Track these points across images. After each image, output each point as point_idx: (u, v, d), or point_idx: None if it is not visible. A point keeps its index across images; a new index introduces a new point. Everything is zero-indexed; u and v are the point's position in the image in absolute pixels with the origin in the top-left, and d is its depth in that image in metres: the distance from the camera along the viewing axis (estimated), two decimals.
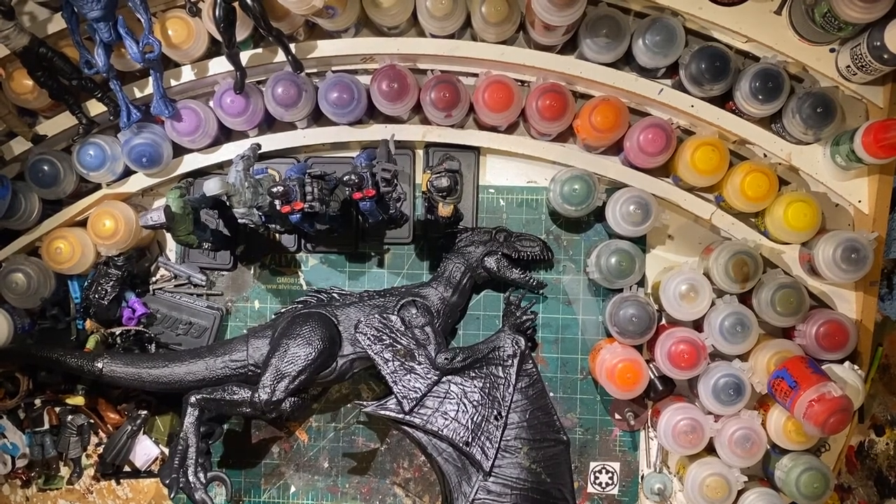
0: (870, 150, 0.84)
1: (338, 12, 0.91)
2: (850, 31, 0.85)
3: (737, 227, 0.97)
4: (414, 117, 1.04)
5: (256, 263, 1.07)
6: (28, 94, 0.95)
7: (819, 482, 0.91)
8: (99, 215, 0.99)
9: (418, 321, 0.89)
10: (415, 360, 0.88)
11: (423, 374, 0.88)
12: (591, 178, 0.95)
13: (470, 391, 0.90)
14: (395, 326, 0.89)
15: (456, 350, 0.90)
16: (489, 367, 0.91)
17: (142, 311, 1.04)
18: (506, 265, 0.96)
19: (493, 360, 0.92)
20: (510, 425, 0.91)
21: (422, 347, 0.88)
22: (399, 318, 0.89)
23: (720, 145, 0.93)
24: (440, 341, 0.90)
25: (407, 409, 0.87)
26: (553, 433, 0.93)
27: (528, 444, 0.91)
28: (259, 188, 0.87)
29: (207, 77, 0.97)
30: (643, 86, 0.94)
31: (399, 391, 0.87)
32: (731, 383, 0.92)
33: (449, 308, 0.93)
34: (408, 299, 0.91)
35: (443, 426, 0.88)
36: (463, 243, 0.96)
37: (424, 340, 0.88)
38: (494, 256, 0.96)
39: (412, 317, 0.89)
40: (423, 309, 0.90)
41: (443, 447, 0.90)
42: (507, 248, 0.96)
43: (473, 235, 0.97)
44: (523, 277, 0.97)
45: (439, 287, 0.93)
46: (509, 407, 0.91)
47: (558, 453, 0.93)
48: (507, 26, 0.92)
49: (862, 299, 0.95)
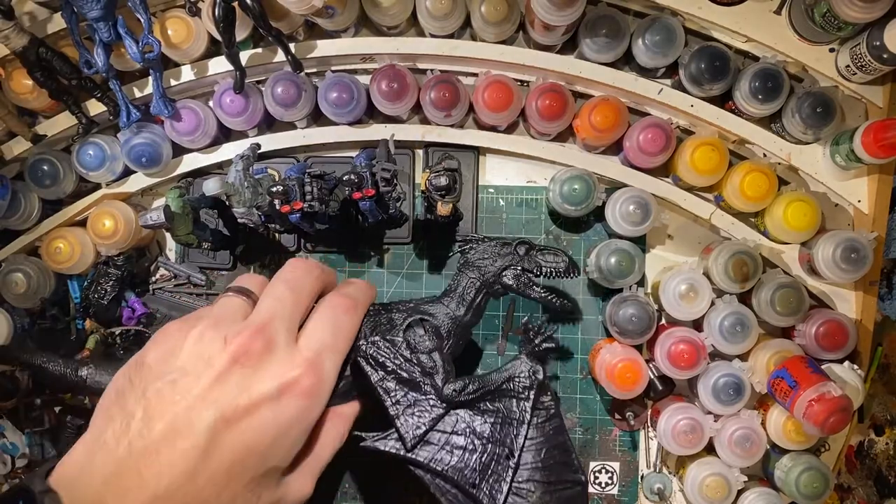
0: (869, 149, 0.84)
1: (337, 12, 0.91)
2: (849, 31, 0.85)
3: (736, 226, 0.97)
4: (413, 117, 1.04)
5: (256, 263, 1.07)
6: (27, 94, 0.95)
7: (819, 482, 0.91)
8: (98, 215, 0.99)
9: (425, 345, 0.75)
10: (420, 392, 0.74)
11: (428, 406, 0.75)
12: (590, 178, 0.95)
13: (480, 426, 0.77)
14: (399, 351, 0.74)
15: (466, 380, 0.77)
16: (502, 399, 0.78)
17: (141, 310, 1.04)
18: (526, 282, 0.83)
19: (507, 392, 0.79)
20: (523, 465, 0.78)
21: (428, 376, 0.74)
22: (405, 340, 0.75)
23: (720, 145, 0.93)
24: (449, 369, 0.76)
25: (409, 446, 0.75)
26: (570, 473, 0.80)
27: (542, 488, 0.78)
28: (259, 188, 0.87)
29: (207, 77, 0.97)
30: (643, 85, 0.94)
31: (402, 425, 0.74)
32: (731, 383, 0.92)
33: (461, 328, 0.80)
34: (415, 318, 0.77)
35: (448, 465, 0.76)
36: (478, 256, 0.83)
37: (432, 368, 0.74)
38: (514, 271, 0.83)
39: (419, 340, 0.76)
40: (432, 331, 0.77)
41: (447, 488, 0.78)
42: (528, 262, 0.83)
43: (491, 247, 0.85)
44: (546, 297, 0.84)
45: (451, 304, 0.80)
46: (523, 446, 0.78)
47: (574, 496, 0.81)
48: (507, 26, 0.92)
49: (862, 299, 0.95)
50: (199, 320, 0.56)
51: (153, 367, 0.52)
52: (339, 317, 0.62)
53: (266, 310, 0.59)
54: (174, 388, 0.50)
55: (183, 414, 0.49)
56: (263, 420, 0.52)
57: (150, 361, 0.53)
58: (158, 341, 0.55)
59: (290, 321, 0.59)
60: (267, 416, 0.52)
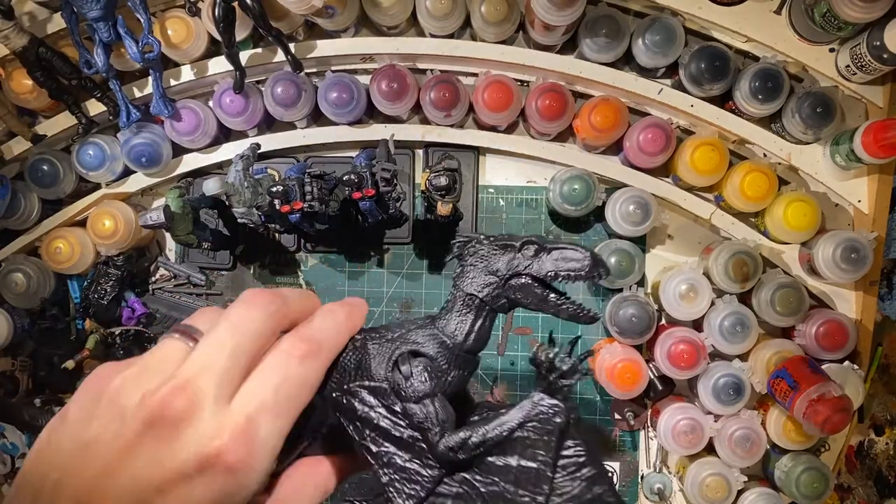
0: (869, 149, 0.84)
1: (337, 12, 0.91)
2: (849, 31, 0.85)
3: (737, 226, 0.97)
4: (413, 117, 1.04)
5: (256, 263, 1.07)
6: (27, 94, 0.95)
7: (819, 482, 0.91)
8: (98, 215, 0.99)
9: (415, 390, 0.56)
10: (412, 452, 0.57)
11: (423, 471, 0.57)
12: (590, 178, 0.95)
13: (489, 489, 0.57)
14: (384, 401, 0.56)
15: (467, 432, 0.56)
16: (514, 453, 0.57)
17: (141, 310, 1.04)
18: (539, 294, 0.60)
19: (520, 442, 0.57)
20: None
21: (420, 431, 0.56)
22: (391, 384, 0.56)
23: (720, 145, 0.93)
24: (444, 419, 0.56)
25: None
26: None
27: None
28: (258, 188, 0.87)
29: (207, 77, 0.97)
30: (643, 85, 0.94)
31: (392, 493, 0.57)
32: (731, 383, 0.92)
33: (461, 360, 0.60)
34: (404, 352, 0.58)
35: None
36: (476, 262, 0.61)
37: (423, 421, 0.55)
38: (521, 280, 0.60)
39: (406, 384, 0.57)
40: (423, 369, 0.58)
41: None
42: (540, 267, 0.60)
43: (491, 250, 0.61)
44: (568, 309, 0.60)
45: (447, 328, 0.59)
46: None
47: None
48: (507, 26, 0.92)
49: (862, 299, 0.95)
50: (128, 367, 0.47)
51: (71, 424, 0.45)
52: (291, 367, 0.48)
53: (196, 359, 0.47)
54: (84, 458, 0.43)
55: (85, 493, 0.42)
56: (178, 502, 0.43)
57: (70, 417, 0.45)
58: (84, 390, 0.46)
59: (224, 374, 0.46)
60: (182, 498, 0.43)
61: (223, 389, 0.46)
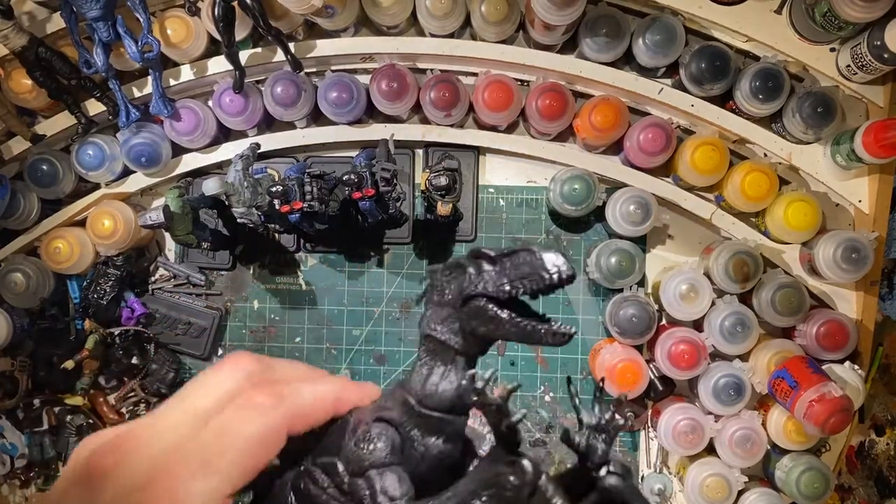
0: (870, 149, 0.84)
1: (337, 11, 0.91)
2: (850, 31, 0.85)
3: (737, 226, 0.97)
4: (413, 117, 1.04)
5: (255, 263, 1.07)
6: (27, 94, 0.95)
7: (819, 482, 0.90)
8: (98, 215, 0.98)
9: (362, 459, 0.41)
10: None
11: None
12: (590, 178, 0.95)
13: None
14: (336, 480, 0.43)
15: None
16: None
17: (141, 311, 1.03)
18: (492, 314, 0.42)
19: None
20: None
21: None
22: (342, 458, 0.42)
23: (720, 145, 0.93)
24: (396, 495, 0.41)
25: None
26: None
27: None
28: (258, 188, 0.87)
29: (206, 76, 0.97)
30: (643, 85, 0.94)
31: None
32: (732, 383, 0.92)
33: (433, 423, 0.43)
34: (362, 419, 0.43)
35: None
36: (433, 296, 0.43)
37: (365, 498, 0.41)
38: (476, 302, 0.42)
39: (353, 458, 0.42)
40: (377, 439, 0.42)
41: None
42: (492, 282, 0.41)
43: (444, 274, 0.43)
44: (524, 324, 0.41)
45: (410, 383, 0.43)
46: None
47: None
48: (507, 26, 0.92)
49: (862, 299, 0.95)
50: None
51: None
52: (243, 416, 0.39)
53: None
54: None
55: None
56: None
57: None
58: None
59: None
60: None
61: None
